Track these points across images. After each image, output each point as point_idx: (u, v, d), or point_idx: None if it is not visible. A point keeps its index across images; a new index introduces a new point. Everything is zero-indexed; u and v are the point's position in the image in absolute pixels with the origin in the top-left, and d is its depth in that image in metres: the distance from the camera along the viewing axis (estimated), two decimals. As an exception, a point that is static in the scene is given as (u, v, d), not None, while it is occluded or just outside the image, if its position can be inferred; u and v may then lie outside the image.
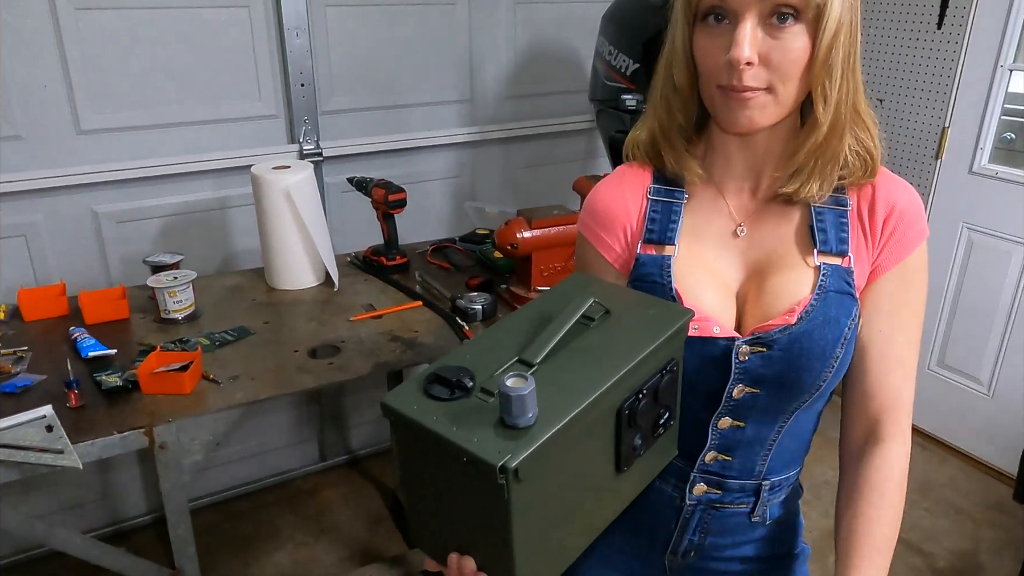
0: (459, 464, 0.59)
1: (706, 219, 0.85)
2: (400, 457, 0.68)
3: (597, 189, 0.89)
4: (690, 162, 0.84)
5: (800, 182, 0.80)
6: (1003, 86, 2.25)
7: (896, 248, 0.82)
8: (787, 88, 0.75)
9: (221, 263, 2.07)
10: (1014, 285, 2.32)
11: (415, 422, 0.61)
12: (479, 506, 0.61)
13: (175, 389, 1.33)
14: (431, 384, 0.64)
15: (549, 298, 0.78)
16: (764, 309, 0.81)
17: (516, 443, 0.58)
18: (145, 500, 2.15)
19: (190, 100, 1.90)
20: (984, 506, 2.30)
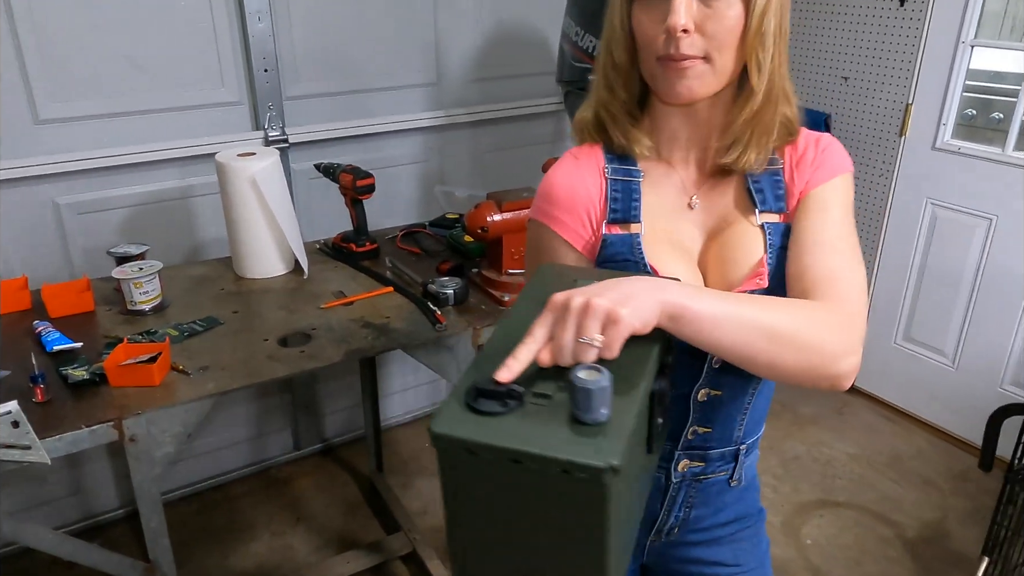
0: (544, 478, 0.54)
1: (662, 193, 0.87)
2: (454, 493, 0.59)
3: (553, 174, 0.87)
4: (638, 136, 0.85)
5: (738, 152, 0.83)
6: (964, 62, 2.29)
7: (823, 169, 0.85)
8: (723, 57, 0.77)
9: (188, 253, 2.04)
10: (976, 259, 2.37)
11: (483, 445, 0.55)
12: (565, 520, 0.56)
13: (144, 381, 1.31)
14: (477, 400, 0.58)
15: (537, 294, 0.74)
16: (725, 275, 0.84)
17: (607, 439, 0.55)
18: (118, 494, 2.13)
19: (151, 87, 1.86)
20: (951, 476, 2.37)
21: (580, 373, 0.57)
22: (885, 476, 2.37)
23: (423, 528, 2.13)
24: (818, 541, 2.12)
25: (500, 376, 0.59)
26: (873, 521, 2.19)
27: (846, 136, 2.58)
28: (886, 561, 2.05)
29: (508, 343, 0.64)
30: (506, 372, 0.59)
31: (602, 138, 0.88)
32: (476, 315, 1.57)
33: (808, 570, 2.02)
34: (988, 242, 2.33)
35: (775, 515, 2.21)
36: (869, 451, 2.49)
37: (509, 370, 0.60)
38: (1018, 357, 2.32)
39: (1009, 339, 2.32)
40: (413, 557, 2.01)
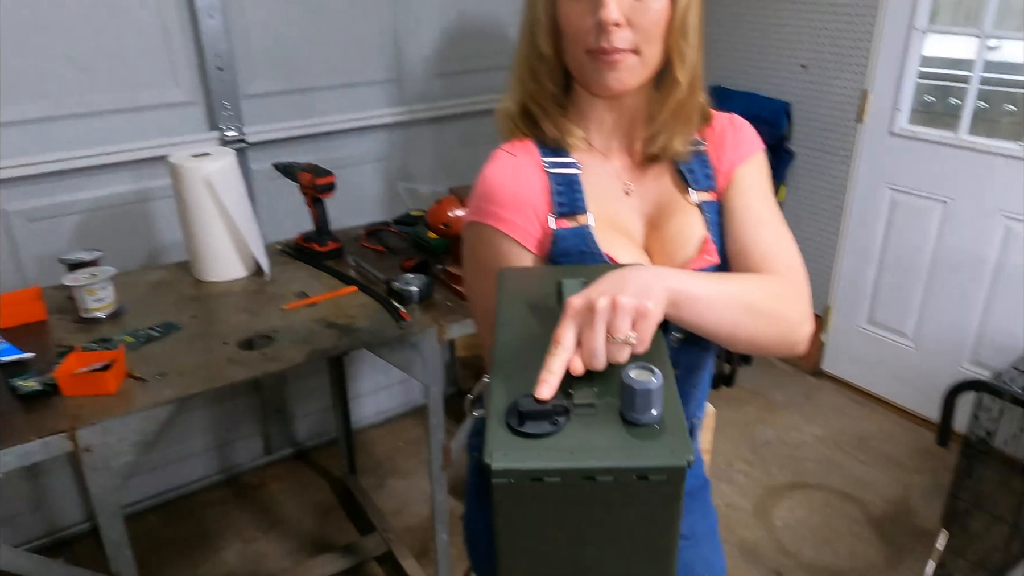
0: (617, 488, 0.53)
1: (600, 182, 0.87)
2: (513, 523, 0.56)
3: (493, 174, 0.84)
4: (569, 126, 0.86)
5: (664, 140, 0.86)
6: (917, 48, 2.33)
7: (743, 149, 0.89)
8: (651, 49, 0.79)
9: (146, 258, 1.99)
10: (933, 242, 2.42)
11: (547, 470, 0.53)
12: (635, 523, 0.56)
13: (99, 390, 1.28)
14: (524, 424, 0.55)
15: (522, 298, 0.72)
16: (672, 256, 0.85)
17: (671, 437, 0.54)
18: (82, 507, 2.08)
19: (99, 88, 1.81)
20: (914, 454, 2.42)
21: (632, 374, 0.55)
22: (852, 457, 2.42)
23: (398, 528, 2.12)
24: (789, 523, 2.15)
25: (541, 394, 0.57)
26: (841, 501, 2.23)
27: (806, 123, 2.62)
28: (854, 539, 2.09)
29: (523, 356, 0.62)
30: (547, 389, 0.57)
31: (532, 131, 0.87)
32: (441, 311, 1.56)
33: (779, 552, 2.05)
34: (945, 224, 2.38)
35: (747, 500, 2.24)
36: (837, 433, 2.53)
37: (549, 385, 0.57)
38: (976, 336, 2.37)
39: (967, 319, 2.38)
40: (388, 557, 1.99)
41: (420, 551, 2.03)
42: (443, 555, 1.75)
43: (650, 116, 0.86)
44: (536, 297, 0.71)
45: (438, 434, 1.63)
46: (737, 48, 2.74)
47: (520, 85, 0.86)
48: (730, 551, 2.04)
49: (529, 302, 0.71)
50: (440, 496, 1.69)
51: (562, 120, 0.85)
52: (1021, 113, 2.19)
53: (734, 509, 2.20)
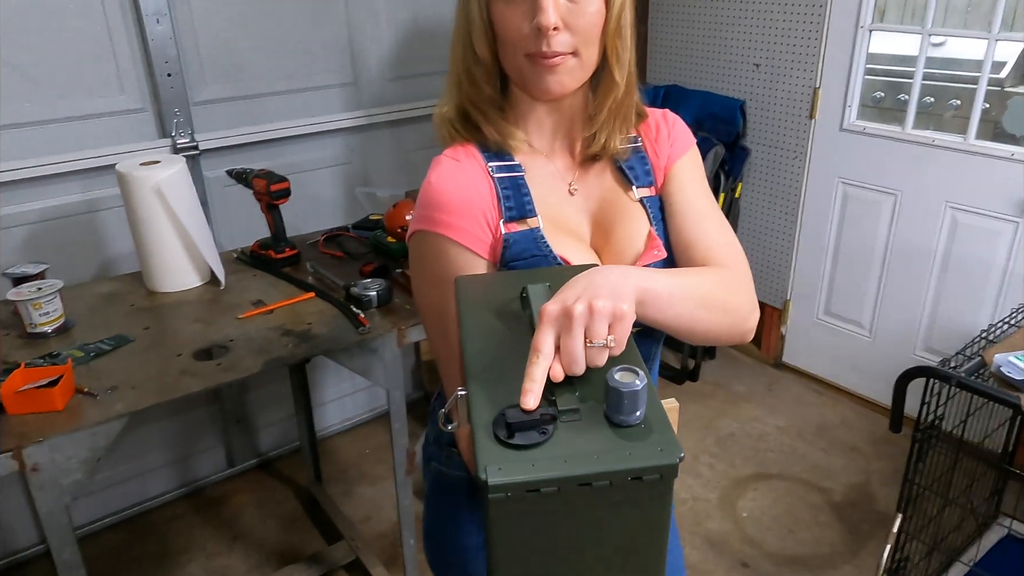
0: (611, 491, 0.54)
1: (545, 184, 0.88)
2: (507, 535, 0.56)
3: (439, 181, 0.81)
4: (510, 129, 0.86)
5: (604, 139, 0.87)
6: (864, 46, 2.39)
7: (679, 144, 0.92)
8: (589, 51, 0.80)
9: (96, 270, 1.95)
10: (885, 233, 2.48)
11: (544, 480, 0.53)
12: (628, 523, 0.56)
13: (45, 407, 1.24)
14: (513, 435, 0.55)
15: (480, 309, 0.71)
16: (621, 253, 0.87)
17: (659, 435, 0.55)
18: (37, 528, 2.02)
19: (44, 97, 1.76)
20: (873, 441, 2.48)
21: (617, 376, 0.56)
22: (814, 446, 2.47)
23: (366, 535, 2.10)
24: (753, 513, 2.18)
25: (527, 404, 0.56)
26: (804, 490, 2.27)
27: (760, 121, 2.67)
28: (817, 527, 2.13)
29: (499, 365, 0.62)
30: (532, 398, 0.56)
31: (472, 135, 0.87)
32: (401, 316, 1.55)
33: (744, 542, 2.08)
34: (895, 216, 2.44)
35: (712, 492, 2.27)
36: (798, 423, 2.58)
37: (534, 395, 0.57)
38: (928, 324, 2.44)
39: (919, 307, 2.44)
40: (357, 565, 1.97)
41: (389, 558, 2.01)
42: (411, 560, 1.74)
43: (589, 116, 0.87)
44: (499, 304, 0.71)
45: (402, 439, 1.62)
46: (692, 48, 2.78)
47: (457, 89, 0.86)
48: (697, 543, 2.07)
49: (493, 309, 0.70)
50: (406, 501, 1.68)
51: (502, 123, 0.85)
52: (965, 107, 2.26)
53: (700, 502, 2.23)
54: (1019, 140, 2.18)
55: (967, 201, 2.26)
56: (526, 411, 0.57)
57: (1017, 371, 1.49)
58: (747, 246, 2.85)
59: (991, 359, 1.55)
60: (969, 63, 2.26)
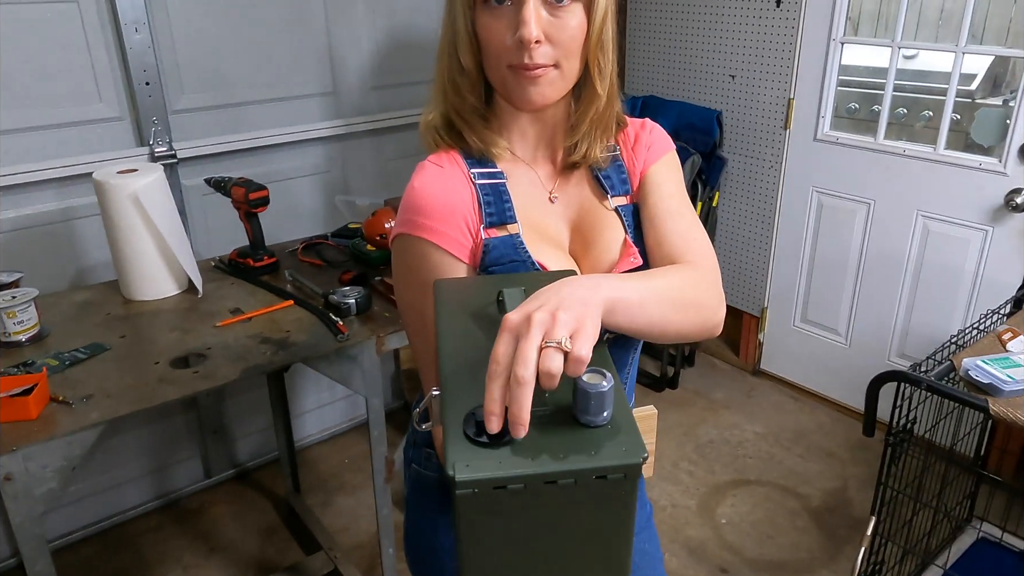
0: (577, 488, 0.55)
1: (526, 191, 0.89)
2: (474, 531, 0.57)
3: (422, 186, 0.83)
4: (493, 137, 0.87)
5: (585, 149, 0.89)
6: (836, 58, 2.44)
7: (655, 149, 0.94)
8: (571, 63, 0.82)
9: (73, 279, 1.93)
10: (859, 242, 2.53)
11: (511, 477, 0.54)
12: (593, 520, 0.58)
13: (19, 415, 1.23)
14: (482, 433, 0.56)
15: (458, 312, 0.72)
16: (598, 260, 0.88)
17: (625, 435, 0.56)
18: (8, 541, 1.98)
19: (20, 104, 1.75)
20: (849, 446, 2.51)
21: (585, 378, 0.57)
22: (791, 452, 2.49)
23: (345, 545, 2.08)
24: (732, 520, 2.20)
25: (491, 428, 0.56)
26: (782, 496, 2.30)
27: (736, 131, 2.71)
28: (795, 532, 2.15)
29: (472, 367, 0.63)
30: (495, 422, 0.55)
31: (456, 142, 0.88)
32: (379, 323, 1.56)
33: (723, 548, 2.09)
34: (869, 225, 2.49)
35: (691, 498, 2.28)
36: (776, 429, 2.61)
37: (496, 418, 0.55)
38: (901, 330, 2.48)
39: (893, 314, 2.49)
40: (335, 575, 1.96)
41: (368, 567, 2.00)
42: (390, 570, 1.73)
43: (571, 126, 0.89)
44: (476, 307, 0.72)
45: (380, 446, 1.62)
46: (669, 59, 2.83)
47: (443, 98, 0.87)
48: (676, 551, 2.08)
49: (470, 312, 0.71)
50: (385, 510, 1.68)
51: (485, 132, 0.87)
52: (936, 119, 2.32)
53: (680, 509, 2.24)
54: (987, 150, 2.23)
55: (938, 209, 2.31)
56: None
57: (985, 375, 1.52)
58: (724, 255, 2.89)
59: (960, 364, 1.58)
60: (940, 75, 2.31)
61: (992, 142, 2.24)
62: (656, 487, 2.32)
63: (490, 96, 0.88)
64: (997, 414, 1.42)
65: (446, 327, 0.70)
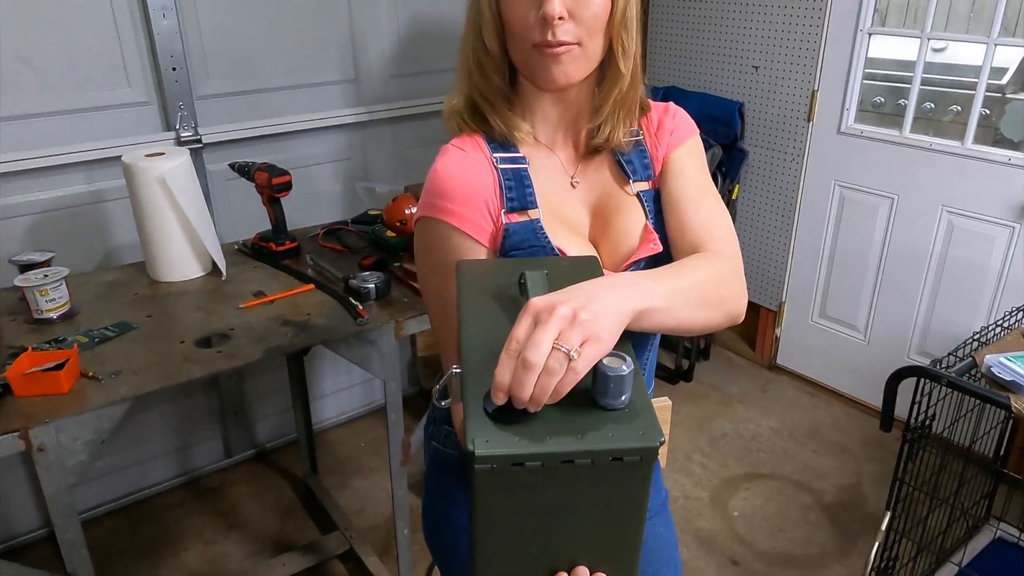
0: (593, 469, 0.56)
1: (547, 176, 0.90)
2: (490, 504, 0.59)
3: (444, 169, 0.85)
4: (517, 121, 0.88)
5: (608, 132, 0.88)
6: (863, 49, 2.41)
7: (678, 134, 0.93)
8: (594, 42, 0.82)
9: (101, 260, 1.98)
10: (881, 237, 2.50)
11: (529, 455, 0.55)
12: (607, 501, 0.59)
13: (52, 389, 1.27)
14: (502, 410, 0.58)
15: (479, 293, 0.73)
16: (618, 245, 0.88)
17: (642, 420, 0.57)
18: (38, 513, 2.05)
19: (52, 89, 1.79)
20: (865, 443, 2.50)
21: (605, 361, 0.58)
22: (806, 447, 2.49)
23: (360, 526, 2.12)
24: (744, 512, 2.20)
25: (498, 399, 0.57)
26: (795, 490, 2.29)
27: (758, 123, 2.69)
28: (807, 526, 2.15)
29: (494, 346, 0.63)
30: (502, 395, 0.57)
31: (480, 126, 0.89)
32: (398, 308, 1.58)
33: (735, 540, 2.10)
34: (891, 220, 2.46)
35: (703, 490, 2.29)
36: (791, 424, 2.60)
37: (504, 391, 0.57)
38: (922, 327, 2.46)
39: (914, 311, 2.46)
40: (350, 555, 2.00)
41: (382, 549, 2.04)
42: (404, 551, 1.76)
43: (594, 108, 0.89)
44: (498, 289, 0.73)
45: (397, 430, 1.65)
46: (692, 49, 2.81)
47: (467, 80, 0.88)
48: (688, 541, 2.09)
49: (491, 294, 0.73)
50: (400, 492, 1.70)
51: (509, 115, 0.87)
52: (965, 113, 2.28)
53: (692, 500, 2.25)
54: (1017, 145, 2.20)
55: (963, 205, 2.28)
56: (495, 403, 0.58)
57: (1008, 372, 1.51)
58: (743, 249, 2.87)
59: (982, 360, 1.57)
60: (970, 69, 2.28)
61: (1022, 136, 2.20)
62: (669, 478, 2.33)
63: (514, 79, 0.89)
64: (1020, 412, 1.41)
65: (468, 308, 0.71)
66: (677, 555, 1.09)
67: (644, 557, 1.00)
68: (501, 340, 0.63)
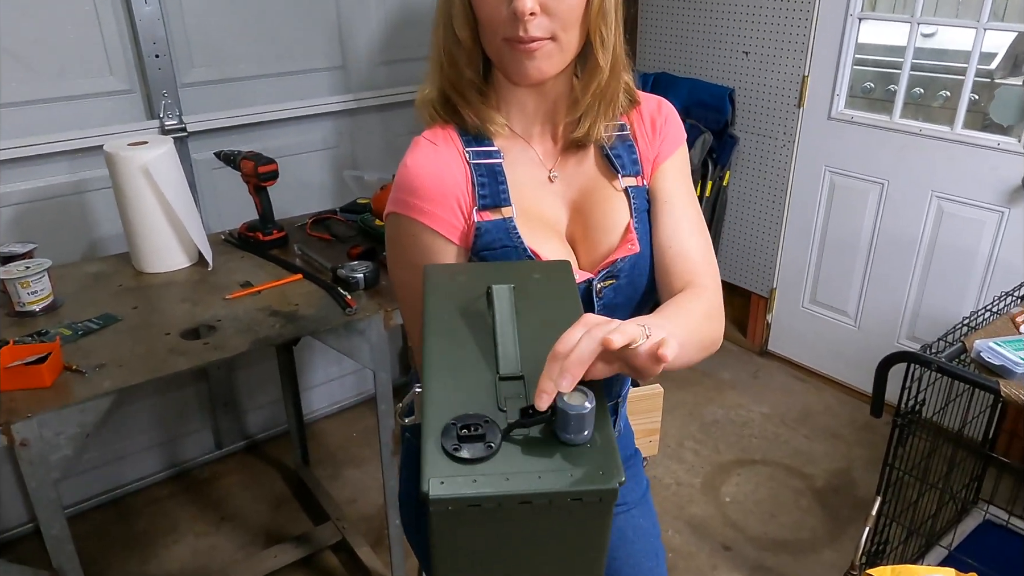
0: (552, 509, 0.55)
1: (523, 171, 0.87)
2: (448, 543, 0.58)
3: (415, 164, 0.82)
4: (490, 113, 0.84)
5: (588, 125, 0.85)
6: (853, 34, 2.40)
7: (670, 140, 0.91)
8: (569, 36, 0.78)
9: (85, 251, 1.95)
10: (872, 222, 2.51)
11: (485, 497, 0.54)
12: (567, 536, 0.58)
13: (34, 383, 1.25)
14: (460, 447, 0.56)
15: (443, 303, 0.71)
16: (596, 244, 0.86)
17: (604, 458, 0.56)
18: (26, 507, 2.03)
19: (31, 77, 1.76)
20: (855, 428, 2.51)
21: (566, 398, 0.57)
22: (797, 432, 2.50)
23: (352, 516, 2.12)
24: (736, 498, 2.21)
25: (541, 404, 0.57)
26: (786, 475, 2.30)
27: (749, 109, 2.68)
28: (798, 511, 2.16)
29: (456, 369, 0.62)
30: (546, 397, 0.56)
31: (453, 119, 0.85)
32: (387, 298, 1.56)
33: (727, 525, 2.11)
34: (881, 205, 2.46)
35: (695, 477, 2.30)
36: (782, 410, 2.61)
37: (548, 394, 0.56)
38: (912, 312, 2.47)
39: (904, 296, 2.47)
40: (343, 545, 1.99)
41: (375, 539, 2.03)
42: (396, 542, 1.76)
43: (573, 101, 0.85)
44: (464, 301, 0.71)
45: (388, 420, 1.64)
46: (681, 35, 2.79)
47: (439, 72, 0.84)
48: (680, 527, 2.10)
49: (458, 305, 0.70)
50: (392, 482, 1.70)
51: (482, 107, 0.84)
52: (954, 99, 2.28)
53: (684, 487, 2.26)
54: (1006, 130, 2.20)
55: (953, 190, 2.28)
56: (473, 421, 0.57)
57: (997, 357, 1.52)
58: (734, 235, 2.87)
59: (972, 345, 1.57)
60: (960, 54, 2.27)
61: (1011, 121, 2.20)
62: (660, 465, 2.34)
63: (488, 70, 0.85)
64: (1008, 396, 1.41)
65: (433, 319, 0.69)
66: (659, 544, 1.07)
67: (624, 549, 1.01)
68: (464, 361, 0.62)
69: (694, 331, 0.76)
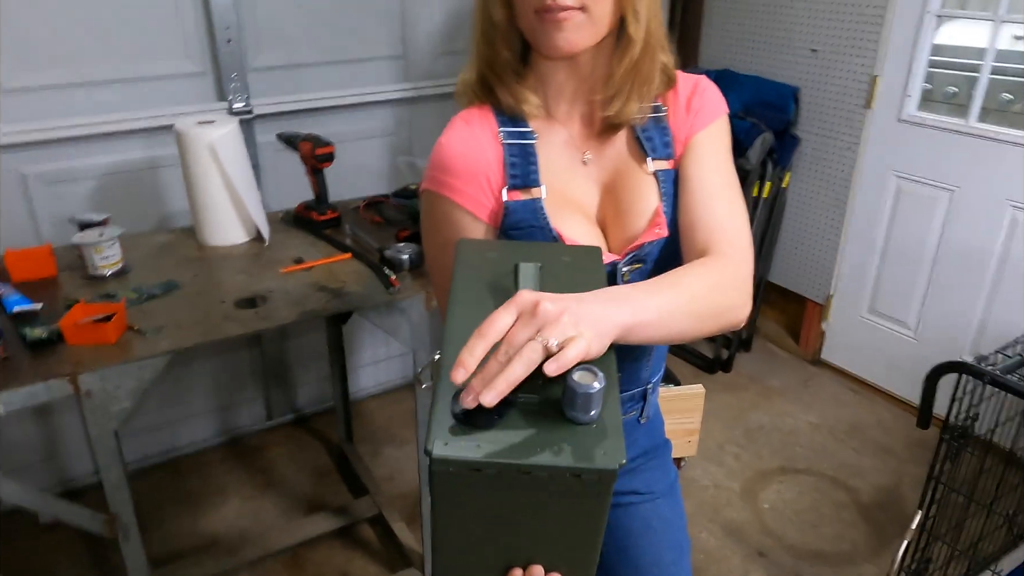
0: (552, 482, 0.56)
1: (556, 153, 0.87)
2: (448, 506, 0.59)
3: (448, 142, 0.83)
4: (525, 93, 0.85)
5: (620, 104, 0.84)
6: (929, 32, 2.30)
7: (704, 114, 0.88)
8: (600, 7, 0.78)
9: (155, 223, 2.07)
10: (938, 231, 2.40)
11: (486, 463, 0.55)
12: (566, 512, 0.59)
13: (100, 339, 1.35)
14: (468, 413, 0.57)
15: (471, 275, 0.72)
16: (625, 228, 0.86)
17: (608, 439, 0.57)
18: (93, 460, 2.18)
19: (115, 58, 1.88)
20: (908, 444, 2.41)
21: (576, 376, 0.57)
22: (845, 445, 2.42)
23: (390, 493, 2.18)
24: (775, 506, 2.17)
25: (456, 376, 0.57)
26: (830, 487, 2.24)
27: (814, 109, 2.61)
28: (841, 524, 2.10)
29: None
30: (461, 373, 0.56)
31: (489, 99, 0.87)
32: (430, 279, 1.60)
33: (763, 532, 2.07)
34: (950, 214, 2.36)
35: (734, 481, 2.26)
36: (831, 421, 2.53)
37: (463, 370, 0.57)
38: (978, 327, 2.35)
39: (969, 309, 2.36)
40: (379, 519, 2.06)
41: (409, 516, 2.09)
42: (429, 519, 1.80)
43: (608, 78, 0.85)
44: (492, 276, 0.72)
45: (425, 400, 1.68)
46: (745, 31, 2.73)
47: (478, 52, 0.86)
48: (714, 530, 2.07)
49: (486, 280, 0.71)
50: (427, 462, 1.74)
51: (517, 87, 0.85)
52: (1038, 105, 2.16)
53: (722, 490, 2.22)
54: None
55: (1028, 201, 2.17)
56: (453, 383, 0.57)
57: (1057, 375, 1.44)
58: (792, 239, 2.80)
59: (1031, 361, 1.50)
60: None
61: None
62: (698, 466, 2.31)
63: (527, 52, 0.86)
64: (1063, 415, 1.34)
65: (459, 291, 0.70)
66: (683, 537, 1.06)
67: (647, 537, 1.01)
68: None
69: (686, 302, 0.71)
